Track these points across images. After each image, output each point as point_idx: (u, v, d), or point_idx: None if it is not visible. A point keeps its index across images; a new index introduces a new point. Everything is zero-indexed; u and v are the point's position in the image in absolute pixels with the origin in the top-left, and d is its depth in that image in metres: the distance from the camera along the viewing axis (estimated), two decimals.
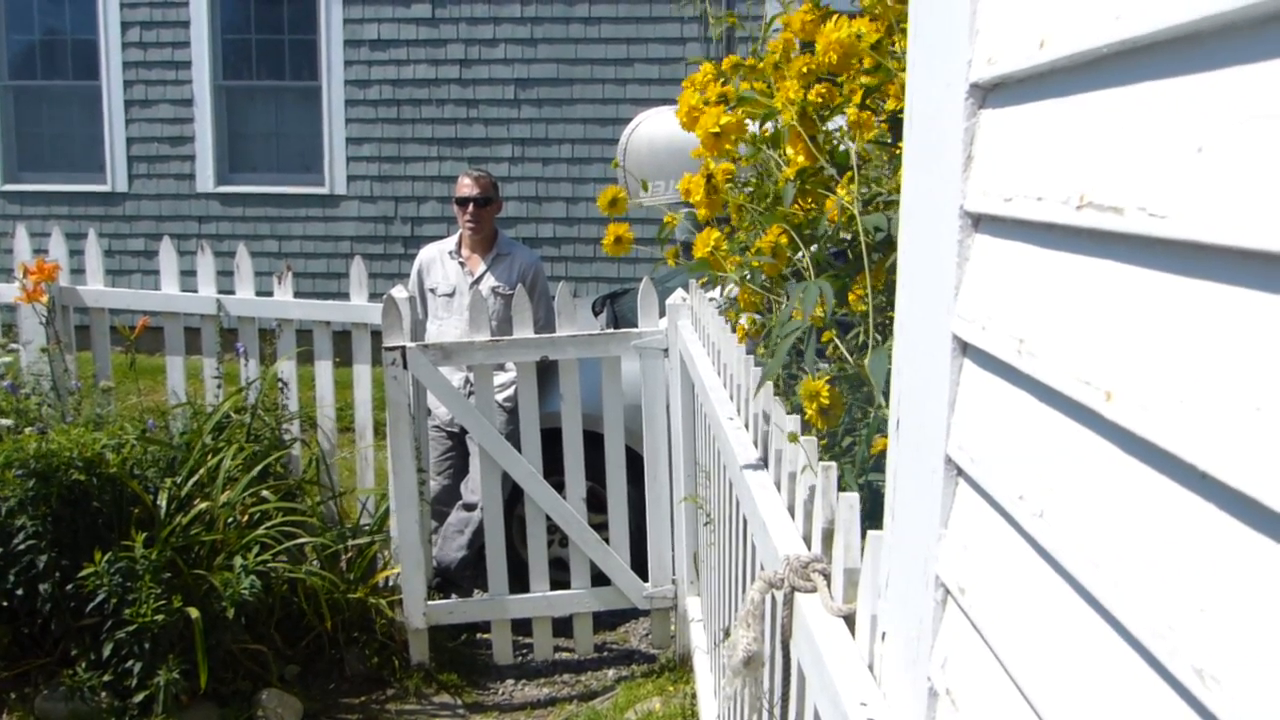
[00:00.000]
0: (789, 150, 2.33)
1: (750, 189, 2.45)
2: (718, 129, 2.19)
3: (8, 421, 3.76)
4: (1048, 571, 0.73)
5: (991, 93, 0.87)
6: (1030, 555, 0.76)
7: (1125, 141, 0.64)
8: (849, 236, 2.12)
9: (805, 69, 2.20)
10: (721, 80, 2.37)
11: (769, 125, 2.35)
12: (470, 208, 4.37)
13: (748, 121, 2.28)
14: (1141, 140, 0.62)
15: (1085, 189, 0.68)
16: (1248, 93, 0.51)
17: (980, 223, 0.88)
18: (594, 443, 4.04)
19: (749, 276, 2.29)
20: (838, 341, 2.07)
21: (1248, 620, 0.50)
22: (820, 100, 2.21)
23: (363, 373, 4.36)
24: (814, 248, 2.17)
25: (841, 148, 2.19)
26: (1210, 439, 0.53)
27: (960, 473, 0.91)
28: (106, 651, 3.38)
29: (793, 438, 1.65)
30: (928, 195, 0.98)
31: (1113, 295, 0.66)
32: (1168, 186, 0.58)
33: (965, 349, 0.91)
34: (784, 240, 2.14)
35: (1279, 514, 0.48)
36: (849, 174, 2.05)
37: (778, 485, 1.78)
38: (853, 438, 2.15)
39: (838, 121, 2.23)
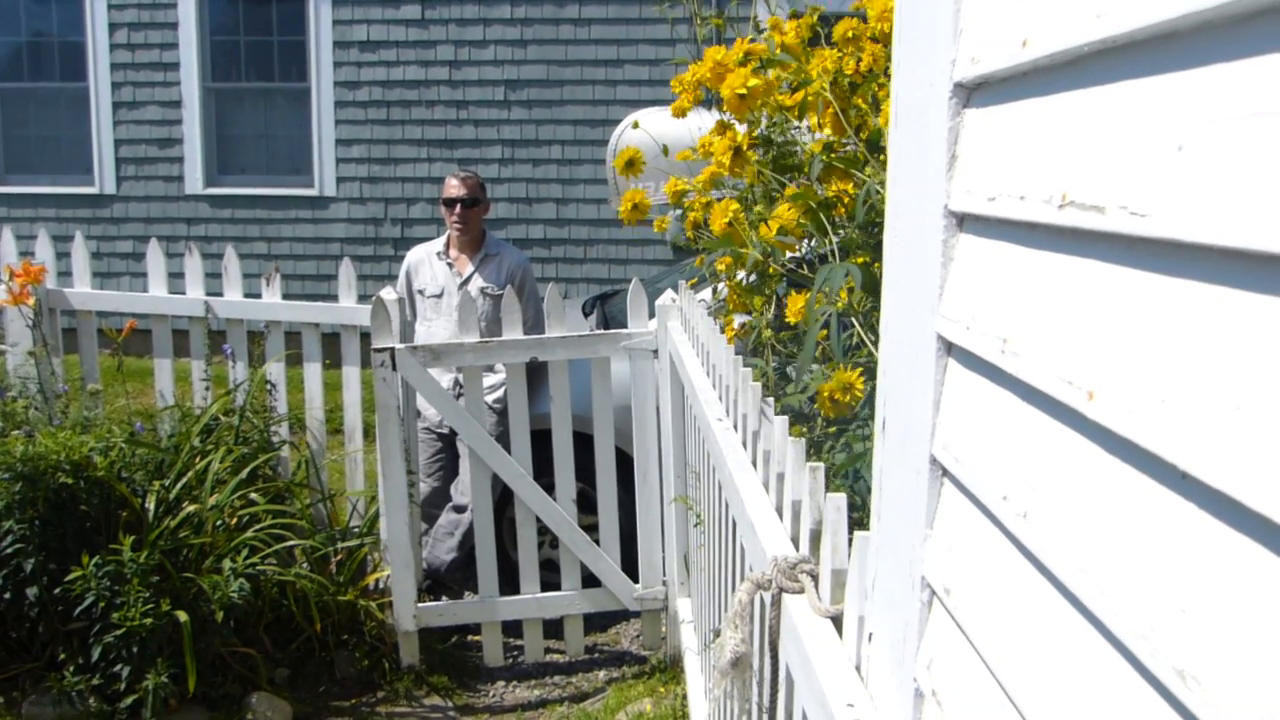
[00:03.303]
0: (813, 120, 2.23)
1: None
2: (745, 90, 2.09)
3: None
4: (1031, 572, 0.73)
5: (975, 92, 0.86)
6: (1014, 556, 0.76)
7: (1106, 140, 0.64)
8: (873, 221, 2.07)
9: (849, 34, 2.09)
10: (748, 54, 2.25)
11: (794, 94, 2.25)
12: (457, 209, 4.36)
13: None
14: (1122, 139, 0.62)
15: (1067, 188, 0.68)
16: (1226, 91, 0.51)
17: (964, 222, 0.88)
18: (584, 444, 4.04)
19: (771, 255, 2.22)
20: (860, 330, 2.04)
21: (1229, 621, 0.50)
22: (854, 75, 2.10)
23: (352, 375, 4.35)
24: (840, 233, 2.10)
25: (872, 125, 2.10)
26: (1191, 439, 0.53)
27: (945, 473, 0.91)
28: (94, 655, 3.36)
29: (797, 431, 1.65)
30: (913, 194, 0.98)
31: (1094, 294, 0.66)
32: (1148, 185, 0.58)
33: (950, 349, 0.90)
34: (805, 220, 2.06)
35: (1259, 514, 0.48)
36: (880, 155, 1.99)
37: (766, 486, 1.78)
38: (866, 431, 2.14)
39: None
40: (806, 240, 2.36)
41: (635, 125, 3.69)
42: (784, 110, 2.26)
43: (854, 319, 2.05)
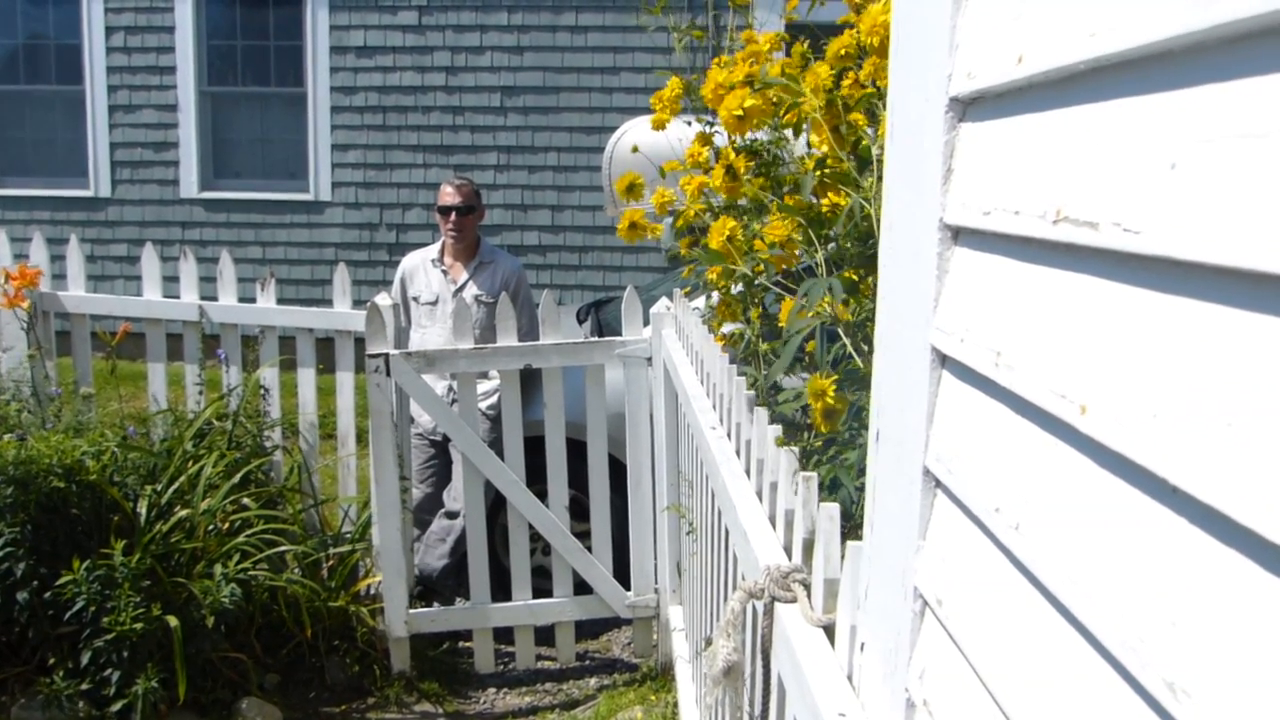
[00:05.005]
0: (813, 138, 2.28)
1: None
2: (742, 111, 2.14)
3: None
4: (1023, 584, 0.73)
5: (971, 106, 0.87)
6: (1006, 567, 0.77)
7: (1100, 157, 0.64)
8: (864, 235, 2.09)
9: (843, 51, 2.15)
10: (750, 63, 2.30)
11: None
12: (452, 216, 4.37)
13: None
14: (1116, 156, 0.62)
15: (1061, 203, 0.68)
16: (1217, 111, 0.52)
17: (960, 235, 0.89)
18: (577, 451, 4.04)
19: (762, 270, 2.26)
20: (845, 340, 2.06)
21: (1218, 634, 0.51)
22: (851, 90, 2.15)
23: (345, 380, 4.35)
24: (830, 246, 2.13)
25: (865, 141, 2.15)
26: (1182, 454, 0.54)
27: (938, 484, 0.91)
28: (85, 660, 3.35)
29: (780, 441, 1.66)
30: (908, 207, 0.98)
31: (1088, 309, 0.66)
32: (1141, 202, 0.59)
33: (944, 361, 0.91)
34: (797, 235, 2.10)
35: (1248, 529, 0.48)
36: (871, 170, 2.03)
37: (759, 495, 1.78)
38: (852, 432, 2.15)
39: None
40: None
41: (635, 149, 3.69)
42: (780, 129, 2.30)
43: (839, 329, 2.07)
